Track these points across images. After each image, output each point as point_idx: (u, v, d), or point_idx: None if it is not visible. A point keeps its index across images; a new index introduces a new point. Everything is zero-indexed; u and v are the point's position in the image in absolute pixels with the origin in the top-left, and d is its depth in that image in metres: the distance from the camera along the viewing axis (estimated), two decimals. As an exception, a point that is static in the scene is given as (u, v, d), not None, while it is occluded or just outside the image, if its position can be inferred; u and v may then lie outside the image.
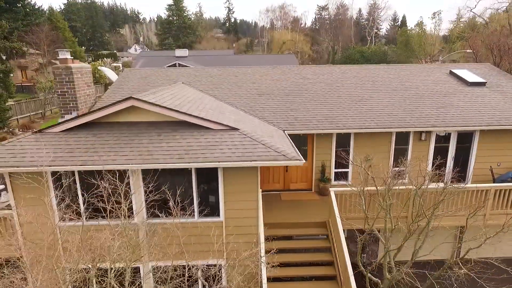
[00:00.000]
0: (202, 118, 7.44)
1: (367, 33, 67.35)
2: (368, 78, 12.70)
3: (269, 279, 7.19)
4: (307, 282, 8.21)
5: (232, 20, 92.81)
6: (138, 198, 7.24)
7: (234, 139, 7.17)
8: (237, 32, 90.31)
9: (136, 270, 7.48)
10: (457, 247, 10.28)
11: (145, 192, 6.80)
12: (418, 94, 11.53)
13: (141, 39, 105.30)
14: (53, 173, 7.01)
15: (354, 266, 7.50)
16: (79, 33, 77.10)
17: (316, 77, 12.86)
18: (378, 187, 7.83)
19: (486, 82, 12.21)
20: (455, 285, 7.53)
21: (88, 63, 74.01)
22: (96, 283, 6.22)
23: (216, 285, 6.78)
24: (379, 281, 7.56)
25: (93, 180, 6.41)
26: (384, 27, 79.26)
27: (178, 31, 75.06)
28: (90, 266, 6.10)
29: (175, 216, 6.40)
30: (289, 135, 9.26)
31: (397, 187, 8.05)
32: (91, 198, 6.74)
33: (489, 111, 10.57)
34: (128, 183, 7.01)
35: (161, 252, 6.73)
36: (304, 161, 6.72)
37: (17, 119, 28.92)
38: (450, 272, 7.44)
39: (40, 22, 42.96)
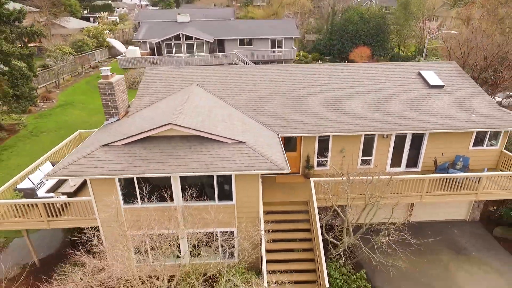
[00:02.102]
0: (218, 136, 10.53)
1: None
2: (349, 80, 15.38)
3: (267, 241, 10.92)
4: (292, 242, 12.00)
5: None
6: (176, 190, 10.64)
7: (242, 151, 10.35)
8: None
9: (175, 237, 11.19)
10: (407, 215, 14.13)
11: (182, 185, 10.26)
12: (386, 98, 14.39)
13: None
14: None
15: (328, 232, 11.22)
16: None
17: (307, 78, 15.52)
18: (344, 177, 11.23)
19: (444, 85, 14.97)
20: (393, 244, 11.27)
21: (87, 19, 72.72)
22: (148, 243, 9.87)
23: (229, 248, 10.55)
24: (339, 243, 11.32)
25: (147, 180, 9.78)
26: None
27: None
28: (143, 232, 9.68)
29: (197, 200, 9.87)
30: (282, 136, 12.42)
31: (358, 177, 11.41)
32: (146, 189, 10.17)
33: (438, 115, 13.58)
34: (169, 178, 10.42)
35: (193, 222, 10.30)
36: (289, 170, 10.01)
37: (36, 89, 31.17)
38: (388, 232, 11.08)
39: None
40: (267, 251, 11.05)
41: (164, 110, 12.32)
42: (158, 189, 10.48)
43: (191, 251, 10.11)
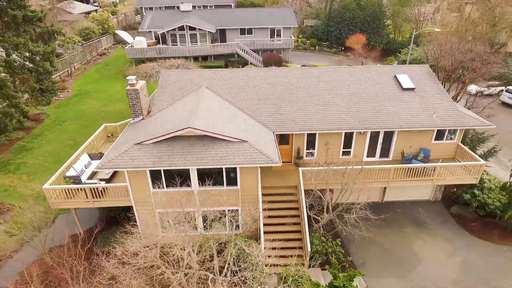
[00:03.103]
0: (226, 136, 13.46)
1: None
2: (335, 83, 18.07)
3: (264, 217, 14.13)
4: (284, 218, 15.21)
5: None
6: (193, 178, 13.71)
7: (245, 149, 13.32)
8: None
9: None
10: (381, 196, 17.34)
11: (198, 174, 13.32)
12: (364, 100, 17.16)
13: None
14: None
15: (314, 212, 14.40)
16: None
17: (299, 81, 18.21)
18: (325, 167, 14.27)
19: (415, 88, 17.70)
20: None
21: (87, 1, 72.82)
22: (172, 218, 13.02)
23: (235, 222, 13.75)
24: (320, 218, 14.53)
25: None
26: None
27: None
28: (169, 210, 12.82)
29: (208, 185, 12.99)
30: (277, 133, 15.38)
31: (336, 167, 14.44)
32: (170, 177, 13.24)
33: (406, 115, 16.43)
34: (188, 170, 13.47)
35: (206, 202, 13.42)
36: (281, 163, 13.02)
37: (57, 83, 33.49)
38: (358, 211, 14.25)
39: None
40: (264, 224, 14.27)
41: (181, 112, 15.16)
42: (179, 176, 13.55)
43: (206, 225, 13.32)
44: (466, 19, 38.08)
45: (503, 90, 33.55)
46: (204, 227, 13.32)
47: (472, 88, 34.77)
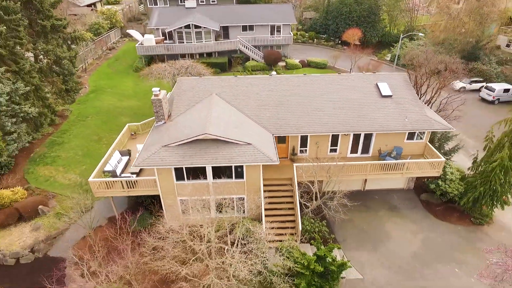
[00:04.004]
0: (234, 140, 16.87)
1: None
2: (325, 90, 21.27)
3: (265, 204, 17.79)
4: (281, 204, 18.86)
5: None
6: (208, 172, 17.24)
7: (250, 150, 16.77)
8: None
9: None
10: (363, 186, 20.95)
11: (212, 169, 16.87)
12: (348, 105, 20.44)
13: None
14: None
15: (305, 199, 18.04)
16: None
17: (295, 88, 21.39)
18: (314, 163, 17.78)
19: (392, 95, 20.95)
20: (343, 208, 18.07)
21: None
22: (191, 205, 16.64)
23: (242, 207, 17.41)
24: (309, 205, 18.17)
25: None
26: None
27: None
28: (189, 198, 16.41)
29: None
30: (276, 135, 18.84)
31: (322, 163, 17.95)
32: (191, 172, 16.79)
33: (383, 120, 19.78)
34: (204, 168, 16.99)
35: (218, 192, 17.00)
36: (279, 162, 16.52)
37: (79, 83, 36.31)
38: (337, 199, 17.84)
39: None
40: (265, 209, 17.91)
41: (197, 118, 18.52)
42: (197, 171, 17.05)
43: (220, 209, 16.97)
44: (454, 18, 40.60)
45: (483, 86, 36.59)
46: (219, 211, 16.94)
47: (455, 84, 37.83)
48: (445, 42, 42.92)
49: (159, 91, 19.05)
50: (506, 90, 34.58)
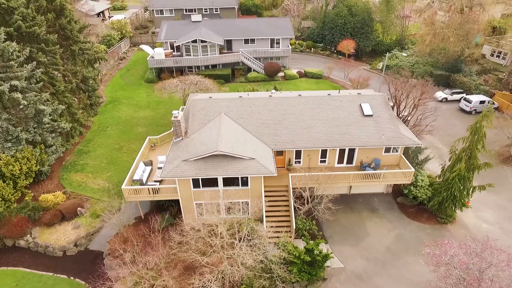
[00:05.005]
0: (241, 155, 20.83)
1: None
2: (317, 109, 25.10)
3: (266, 207, 21.80)
4: (278, 207, 22.86)
5: None
6: (220, 181, 21.22)
7: (254, 164, 20.73)
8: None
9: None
10: (349, 190, 24.98)
11: (223, 179, 20.85)
12: (335, 124, 24.32)
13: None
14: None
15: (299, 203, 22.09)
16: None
17: (291, 108, 25.25)
18: (306, 173, 21.75)
19: (372, 115, 24.83)
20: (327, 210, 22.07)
21: None
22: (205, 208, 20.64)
23: (247, 210, 21.43)
24: (302, 207, 22.19)
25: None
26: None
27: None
28: (204, 202, 20.41)
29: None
30: (275, 150, 22.84)
31: (313, 173, 21.93)
32: (205, 181, 20.80)
33: (364, 137, 23.69)
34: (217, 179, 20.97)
35: (228, 196, 20.98)
36: (277, 174, 20.51)
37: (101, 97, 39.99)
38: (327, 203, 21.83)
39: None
40: (266, 211, 21.90)
41: (209, 136, 22.39)
42: (210, 180, 20.99)
43: (229, 211, 20.97)
44: (438, 33, 44.35)
45: (463, 97, 40.45)
46: (229, 212, 20.95)
47: (438, 95, 41.75)
48: (431, 54, 46.73)
49: (178, 113, 22.96)
50: (482, 102, 38.45)
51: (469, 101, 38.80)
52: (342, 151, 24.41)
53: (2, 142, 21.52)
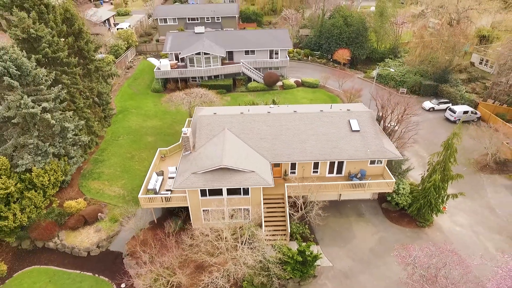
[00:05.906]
0: (243, 169, 23.88)
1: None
2: (310, 125, 28.13)
3: (264, 213, 24.93)
4: (275, 213, 25.96)
5: None
6: (224, 191, 24.30)
7: (254, 176, 23.80)
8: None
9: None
10: (339, 197, 28.13)
11: (227, 189, 23.95)
12: (326, 138, 27.35)
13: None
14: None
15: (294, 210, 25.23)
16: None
17: (287, 124, 28.30)
18: (299, 183, 24.84)
19: (360, 130, 27.86)
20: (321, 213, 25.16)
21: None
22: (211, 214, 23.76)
23: (247, 216, 24.56)
24: (296, 213, 25.30)
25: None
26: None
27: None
28: (210, 208, 23.53)
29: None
30: (272, 163, 25.91)
31: (306, 183, 25.04)
32: (211, 190, 23.91)
33: (351, 150, 26.74)
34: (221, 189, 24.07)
35: (231, 203, 24.07)
36: (274, 185, 23.61)
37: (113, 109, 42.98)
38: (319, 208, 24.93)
39: None
40: (264, 217, 25.00)
41: (214, 151, 25.44)
42: (216, 190, 24.07)
43: (231, 217, 24.08)
44: (427, 46, 47.25)
45: (448, 107, 43.43)
46: (232, 218, 24.06)
47: (426, 104, 44.76)
48: (421, 65, 49.66)
49: (187, 130, 26.00)
50: (465, 112, 41.45)
51: (454, 111, 41.79)
52: (332, 163, 27.48)
53: (34, 156, 24.56)
